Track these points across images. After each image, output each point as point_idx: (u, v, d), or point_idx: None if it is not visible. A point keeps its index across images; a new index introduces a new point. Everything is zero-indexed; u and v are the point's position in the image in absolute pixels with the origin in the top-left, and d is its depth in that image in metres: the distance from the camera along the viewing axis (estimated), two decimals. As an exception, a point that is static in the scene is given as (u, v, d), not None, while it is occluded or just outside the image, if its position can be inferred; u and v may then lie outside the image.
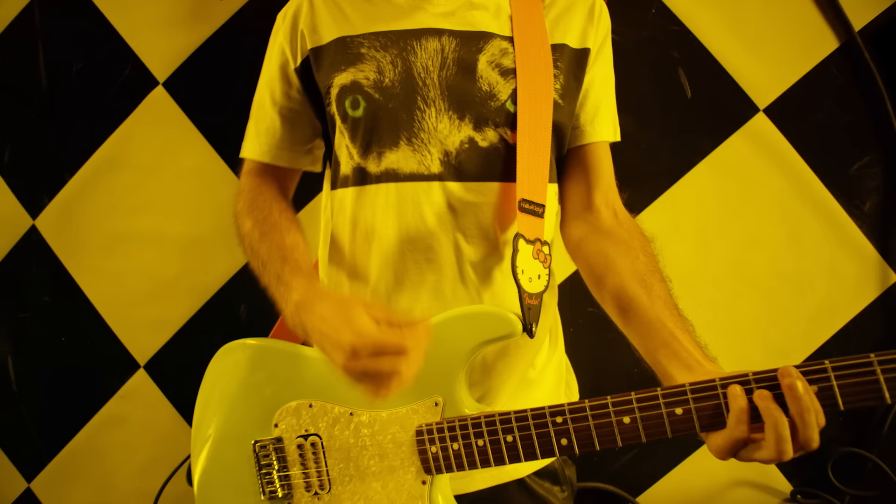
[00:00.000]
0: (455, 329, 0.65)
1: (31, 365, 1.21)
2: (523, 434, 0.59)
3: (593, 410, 0.55)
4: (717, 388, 0.50)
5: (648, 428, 0.53)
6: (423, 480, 0.65)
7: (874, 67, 0.96)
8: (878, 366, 0.46)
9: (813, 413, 0.46)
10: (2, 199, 1.16)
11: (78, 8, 1.09)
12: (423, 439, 0.63)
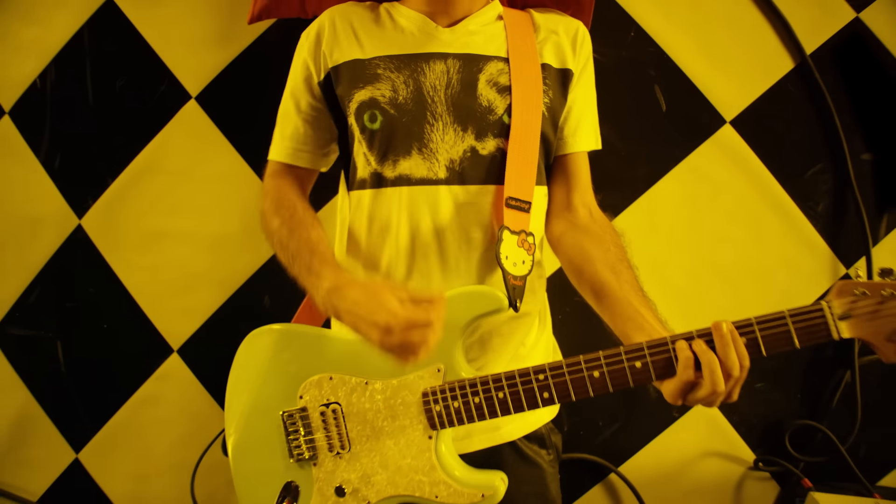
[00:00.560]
0: (453, 306, 0.74)
1: (78, 349, 1.29)
2: (512, 391, 0.69)
3: (569, 367, 0.67)
4: (667, 345, 0.63)
5: (614, 380, 0.65)
6: (430, 436, 0.75)
7: (824, 86, 1.06)
8: (789, 319, 0.60)
9: (732, 347, 0.60)
10: (52, 201, 1.23)
11: (121, 32, 1.17)
12: (429, 400, 0.73)
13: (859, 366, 1.07)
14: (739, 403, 1.11)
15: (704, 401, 0.63)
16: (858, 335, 0.59)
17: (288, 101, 0.88)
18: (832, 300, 0.59)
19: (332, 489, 0.79)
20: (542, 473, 0.87)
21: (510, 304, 0.72)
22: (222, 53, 1.18)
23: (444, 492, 0.74)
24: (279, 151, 0.88)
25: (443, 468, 0.75)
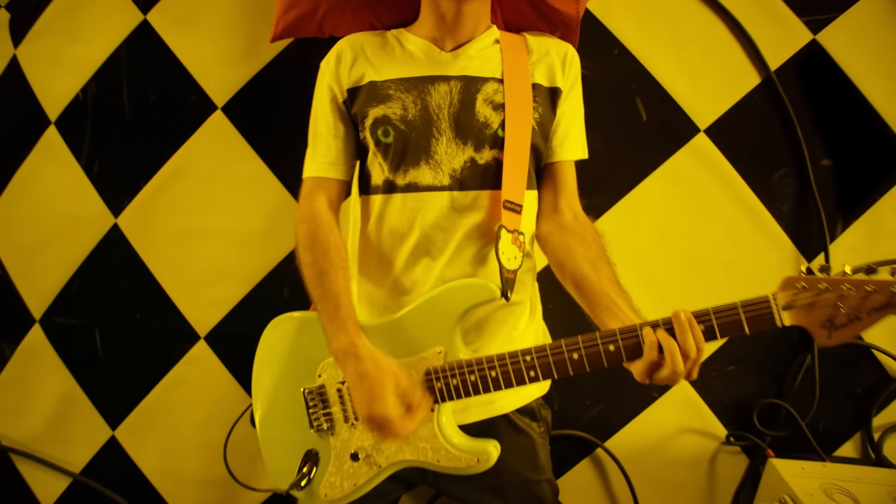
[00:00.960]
0: (452, 296, 0.84)
1: (114, 336, 1.36)
2: (503, 370, 0.79)
3: (552, 350, 0.77)
4: (636, 331, 0.73)
5: (591, 360, 0.75)
6: (432, 408, 0.84)
7: (787, 99, 1.14)
8: (741, 309, 0.70)
9: (689, 334, 0.70)
10: (91, 202, 1.31)
11: (155, 49, 1.26)
12: (431, 378, 0.82)
13: (818, 350, 1.17)
14: (713, 384, 1.24)
15: (667, 379, 0.72)
16: (798, 323, 0.70)
17: (318, 123, 0.94)
18: (777, 293, 0.70)
19: (348, 455, 0.89)
20: (532, 443, 0.97)
21: (502, 295, 0.81)
22: (246, 68, 1.25)
23: (444, 457, 0.84)
24: (313, 168, 0.94)
25: (443, 436, 0.84)
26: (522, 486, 0.96)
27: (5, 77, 1.30)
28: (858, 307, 0.68)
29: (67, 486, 1.38)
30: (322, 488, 0.90)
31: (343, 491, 0.89)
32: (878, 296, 0.66)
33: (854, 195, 1.16)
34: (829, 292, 0.68)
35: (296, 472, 0.91)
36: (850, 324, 0.69)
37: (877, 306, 0.67)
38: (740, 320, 0.70)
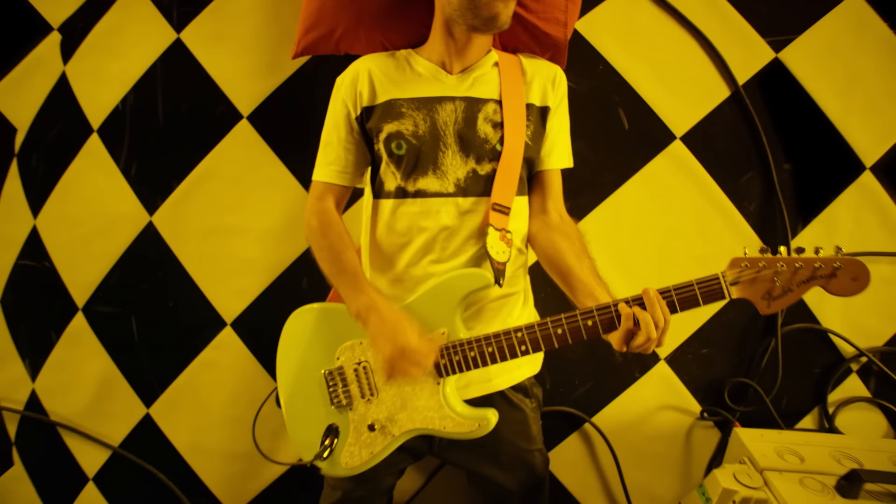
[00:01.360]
0: (453, 283, 0.95)
1: (148, 323, 1.45)
2: (498, 345, 0.90)
3: (539, 326, 0.89)
4: (611, 308, 0.85)
5: (572, 334, 0.87)
6: (438, 382, 0.95)
7: (753, 110, 1.26)
8: (696, 286, 0.83)
9: (657, 306, 0.82)
10: (128, 202, 1.39)
11: (187, 64, 1.35)
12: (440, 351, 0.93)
13: (781, 335, 1.29)
14: (688, 366, 1.36)
15: (641, 346, 0.83)
16: (743, 296, 0.84)
17: (330, 133, 1.05)
18: (726, 271, 0.84)
19: (365, 426, 0.99)
20: (525, 416, 1.07)
21: (495, 281, 0.93)
22: (269, 81, 1.34)
23: (450, 424, 0.94)
24: (324, 174, 1.05)
25: (448, 406, 0.95)
26: (516, 455, 1.07)
27: (55, 91, 1.39)
28: (790, 281, 0.82)
29: (107, 457, 1.48)
30: (343, 458, 1.00)
31: (361, 459, 1.00)
32: (804, 271, 0.80)
33: (812, 196, 1.28)
34: (767, 269, 0.82)
35: (318, 444, 1.01)
36: (784, 295, 0.83)
37: (804, 279, 0.81)
38: (696, 294, 0.83)
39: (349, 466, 1.01)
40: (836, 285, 0.82)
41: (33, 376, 1.48)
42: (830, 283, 0.82)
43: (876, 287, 1.23)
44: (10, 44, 1.40)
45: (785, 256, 0.82)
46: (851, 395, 1.31)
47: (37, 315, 1.48)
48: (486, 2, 0.93)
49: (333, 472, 1.02)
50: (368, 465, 1.01)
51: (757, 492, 0.98)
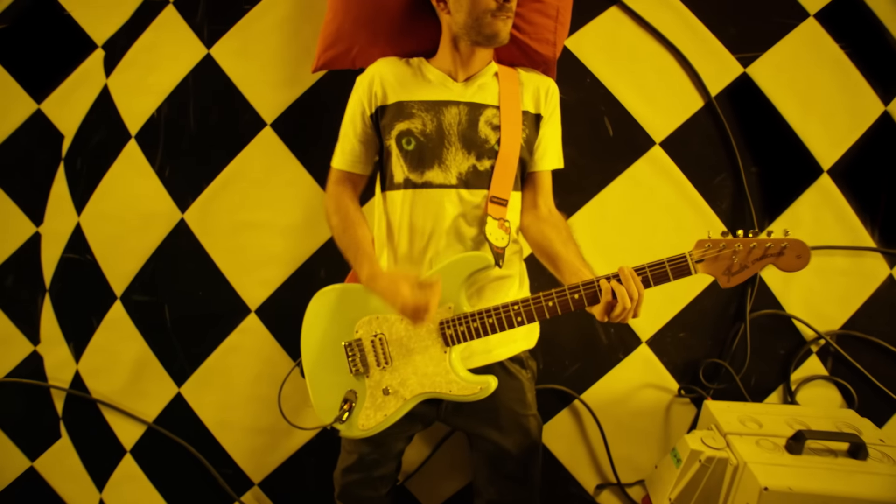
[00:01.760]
0: (458, 264, 1.08)
1: (180, 310, 1.57)
2: (497, 317, 1.04)
3: (533, 301, 1.02)
4: (594, 283, 0.98)
5: (561, 306, 1.00)
6: (444, 350, 1.08)
7: (724, 119, 1.39)
8: (666, 264, 0.97)
9: (632, 281, 0.95)
10: (162, 201, 1.51)
11: (216, 77, 1.47)
12: (443, 327, 1.07)
13: (750, 320, 1.43)
14: (667, 348, 1.50)
15: (620, 316, 0.96)
16: (706, 272, 0.97)
17: (347, 127, 1.19)
18: (692, 251, 0.98)
19: (380, 391, 1.13)
20: (521, 385, 1.21)
21: (495, 262, 1.07)
22: (290, 92, 1.47)
23: (455, 387, 1.08)
24: (341, 162, 1.20)
25: (454, 372, 1.08)
26: (513, 418, 1.20)
27: (98, 101, 1.53)
28: (746, 259, 0.96)
29: (143, 432, 1.61)
30: (360, 420, 1.14)
31: (376, 420, 1.13)
32: (757, 250, 0.95)
33: (777, 196, 1.42)
34: (727, 249, 0.96)
35: (338, 409, 1.14)
36: (741, 271, 0.97)
37: (757, 257, 0.96)
38: (666, 271, 0.98)
39: (365, 428, 1.14)
40: (784, 262, 0.95)
41: (77, 358, 1.62)
42: (779, 261, 0.95)
43: (833, 277, 1.40)
44: (60, 60, 1.54)
45: (741, 238, 0.96)
46: (811, 373, 1.45)
47: (80, 303, 1.61)
48: (488, 21, 1.08)
49: (351, 434, 1.16)
50: (382, 427, 1.14)
51: (719, 452, 1.12)
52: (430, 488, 1.56)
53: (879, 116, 1.38)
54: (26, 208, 1.60)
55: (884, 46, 1.37)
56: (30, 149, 1.57)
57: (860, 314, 1.43)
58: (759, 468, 1.05)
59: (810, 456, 1.09)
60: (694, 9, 1.41)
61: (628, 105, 1.44)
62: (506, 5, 1.07)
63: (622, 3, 1.41)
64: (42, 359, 1.63)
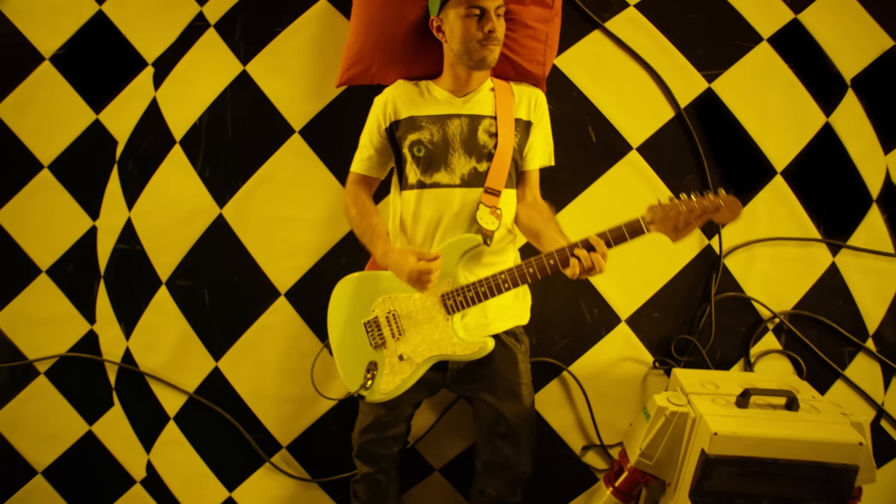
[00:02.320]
0: (453, 245, 1.28)
1: (218, 294, 1.73)
2: (488, 285, 1.24)
3: (517, 269, 1.22)
4: (565, 249, 1.17)
5: (540, 272, 1.20)
6: (447, 318, 1.29)
7: (692, 127, 1.59)
8: (623, 227, 1.17)
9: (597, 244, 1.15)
10: (203, 198, 1.68)
11: (250, 90, 1.65)
12: (444, 298, 1.28)
13: (715, 301, 1.63)
14: (643, 326, 1.71)
15: (588, 272, 1.16)
16: (657, 230, 1.17)
17: (365, 139, 1.41)
18: (645, 214, 1.17)
19: (396, 358, 1.33)
20: (515, 356, 1.40)
21: (484, 242, 1.27)
22: (316, 104, 1.66)
23: (458, 348, 1.29)
24: (359, 167, 1.42)
25: (456, 335, 1.29)
26: (508, 385, 1.39)
27: (148, 111, 1.72)
28: (689, 217, 1.18)
29: (184, 401, 1.78)
30: (381, 385, 1.35)
31: (395, 384, 1.34)
32: (696, 210, 1.16)
33: (738, 193, 1.53)
34: (673, 210, 1.17)
35: (362, 378, 1.36)
36: (686, 227, 1.19)
37: (698, 214, 1.17)
38: (623, 233, 1.18)
39: (385, 391, 1.35)
40: (720, 216, 1.18)
41: (127, 336, 1.81)
42: (716, 215, 1.18)
43: (785, 264, 1.62)
44: (116, 76, 1.74)
45: (685, 200, 1.17)
46: (768, 348, 1.66)
47: (130, 288, 1.79)
48: (476, 49, 1.30)
49: (374, 398, 1.37)
50: (401, 390, 1.34)
51: (681, 407, 1.34)
52: (435, 450, 1.76)
53: (822, 126, 1.60)
54: (85, 205, 1.78)
55: (824, 68, 1.59)
56: (89, 153, 1.76)
57: (809, 296, 1.65)
58: (712, 418, 1.27)
59: (754, 409, 1.31)
60: (666, 32, 1.62)
61: (609, 115, 1.63)
62: (490, 35, 1.29)
63: (604, 27, 1.63)
64: (98, 336, 1.82)
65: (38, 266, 1.82)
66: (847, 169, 1.62)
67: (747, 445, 1.23)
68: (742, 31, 1.61)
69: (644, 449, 1.38)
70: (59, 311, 1.81)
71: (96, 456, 1.84)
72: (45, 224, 1.79)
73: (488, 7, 1.28)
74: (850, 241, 1.64)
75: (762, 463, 1.24)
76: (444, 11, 1.32)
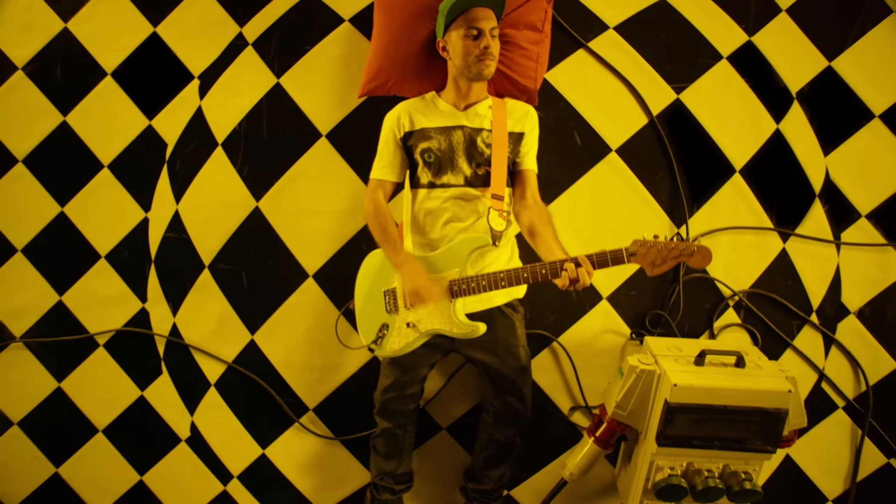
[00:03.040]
0: (465, 242, 1.51)
1: (254, 275, 1.93)
2: (488, 281, 1.48)
3: (513, 272, 1.46)
4: (556, 263, 1.42)
5: (532, 277, 1.44)
6: (451, 301, 1.52)
7: (663, 132, 1.83)
8: (608, 254, 1.41)
9: (585, 264, 1.39)
10: (241, 192, 1.88)
11: (283, 100, 1.86)
12: (452, 284, 1.51)
13: (683, 282, 1.89)
14: (622, 303, 1.99)
15: (574, 284, 1.39)
16: (636, 262, 1.40)
17: (382, 148, 1.63)
18: (628, 247, 1.41)
19: (405, 324, 1.58)
20: (513, 323, 1.64)
21: (493, 243, 1.52)
22: (340, 111, 1.86)
23: (455, 328, 1.52)
24: (378, 173, 1.63)
25: (455, 317, 1.52)
26: (507, 347, 1.64)
27: (194, 118, 1.95)
28: (665, 256, 1.40)
29: (224, 370, 2.00)
30: (388, 344, 1.61)
31: (400, 345, 1.59)
32: (675, 251, 1.40)
33: (702, 189, 1.89)
34: (653, 248, 1.40)
35: (375, 335, 1.62)
36: (662, 264, 1.41)
37: (674, 256, 1.40)
38: (607, 259, 1.42)
39: (392, 350, 1.61)
40: (693, 262, 1.40)
41: (174, 313, 2.05)
42: (690, 260, 1.41)
43: (744, 249, 1.90)
44: (166, 88, 1.98)
45: (664, 241, 1.39)
46: (728, 321, 1.92)
47: (177, 271, 2.00)
48: (475, 63, 1.54)
49: (383, 353, 1.63)
50: (404, 351, 1.59)
51: (649, 366, 1.61)
52: (444, 411, 2.02)
53: (773, 132, 1.87)
54: (138, 199, 2.00)
55: (774, 83, 1.85)
56: (142, 154, 1.98)
57: (763, 277, 1.91)
58: (673, 373, 1.54)
59: (709, 367, 1.58)
60: (640, 51, 1.88)
61: (591, 122, 1.86)
62: (485, 51, 1.53)
63: (587, 47, 1.88)
64: (148, 313, 2.03)
65: (98, 252, 2.06)
66: (794, 168, 1.88)
67: (701, 394, 1.50)
68: (705, 50, 1.86)
69: (619, 402, 1.65)
70: (115, 292, 2.05)
71: (147, 417, 2.07)
72: (104, 216, 2.02)
73: (484, 28, 1.53)
74: (798, 230, 1.90)
75: (714, 410, 1.51)
76: (447, 33, 1.58)
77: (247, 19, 1.92)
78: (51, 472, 2.12)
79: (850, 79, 1.83)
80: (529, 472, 2.01)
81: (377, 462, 1.85)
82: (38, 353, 2.09)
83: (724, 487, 1.54)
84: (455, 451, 2.02)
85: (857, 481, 1.91)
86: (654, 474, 1.60)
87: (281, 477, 2.07)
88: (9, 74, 1.98)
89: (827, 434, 1.91)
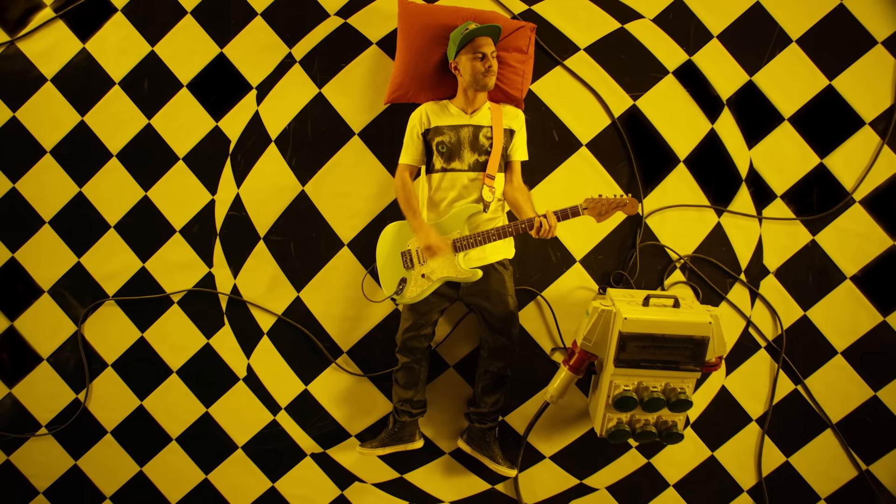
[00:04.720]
0: (462, 210, 2.02)
1: (300, 246, 2.33)
2: (483, 236, 2.00)
3: (500, 229, 1.98)
4: (533, 219, 1.95)
5: (515, 230, 1.96)
6: (455, 254, 2.04)
7: (622, 131, 2.31)
8: (568, 209, 1.96)
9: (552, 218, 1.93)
10: (289, 178, 2.29)
11: (324, 106, 2.26)
12: (455, 242, 2.03)
13: (639, 248, 2.39)
14: (592, 265, 2.53)
15: (545, 234, 1.92)
16: (588, 214, 1.95)
17: (407, 140, 2.13)
18: (581, 203, 1.97)
19: (420, 276, 2.07)
20: (503, 276, 2.11)
21: (483, 209, 2.03)
22: (370, 115, 2.27)
23: (459, 273, 2.02)
24: (405, 159, 2.12)
25: (459, 266, 2.01)
26: (498, 295, 2.13)
27: (252, 121, 2.42)
28: (607, 208, 1.96)
29: (274, 321, 2.41)
30: (408, 293, 2.10)
31: (417, 293, 2.08)
32: (612, 203, 1.95)
33: (654, 175, 2.38)
34: (598, 203, 1.95)
35: (396, 287, 2.11)
36: (606, 215, 1.96)
37: (612, 207, 1.95)
38: (567, 212, 1.95)
39: (410, 297, 2.10)
40: (627, 210, 1.94)
41: (235, 276, 2.52)
42: (624, 209, 1.95)
43: (688, 223, 2.43)
44: (230, 96, 2.45)
45: (605, 197, 1.95)
46: (676, 280, 2.41)
47: (238, 242, 2.40)
48: (481, 77, 2.04)
49: (404, 301, 2.11)
50: (421, 297, 2.08)
51: (609, 307, 2.13)
52: (450, 351, 2.45)
53: (709, 131, 2.37)
54: (207, 184, 2.42)
55: (709, 92, 2.34)
56: (211, 149, 2.40)
57: (703, 244, 2.40)
58: (625, 310, 2.04)
59: (653, 307, 2.10)
60: (604, 67, 2.36)
61: (566, 122, 2.29)
62: (489, 69, 2.03)
63: (563, 64, 2.39)
64: (214, 277, 2.45)
65: (174, 227, 2.48)
66: (726, 159, 2.38)
67: (646, 325, 2.01)
68: (655, 67, 2.34)
69: (586, 335, 2.16)
70: (187, 259, 2.46)
71: (212, 361, 2.49)
72: (179, 198, 2.44)
73: (487, 52, 2.05)
74: (730, 207, 2.39)
75: (655, 338, 2.03)
76: (458, 57, 2.10)
77: (295, 41, 2.36)
78: (136, 404, 2.62)
79: (766, 90, 2.34)
80: (520, 401, 2.48)
81: (398, 392, 2.34)
82: (126, 308, 2.53)
83: (665, 399, 2.04)
84: (460, 384, 2.51)
85: (773, 404, 2.43)
86: (613, 391, 2.11)
87: (320, 408, 2.50)
88: (108, 88, 2.48)
89: (752, 368, 2.42)
